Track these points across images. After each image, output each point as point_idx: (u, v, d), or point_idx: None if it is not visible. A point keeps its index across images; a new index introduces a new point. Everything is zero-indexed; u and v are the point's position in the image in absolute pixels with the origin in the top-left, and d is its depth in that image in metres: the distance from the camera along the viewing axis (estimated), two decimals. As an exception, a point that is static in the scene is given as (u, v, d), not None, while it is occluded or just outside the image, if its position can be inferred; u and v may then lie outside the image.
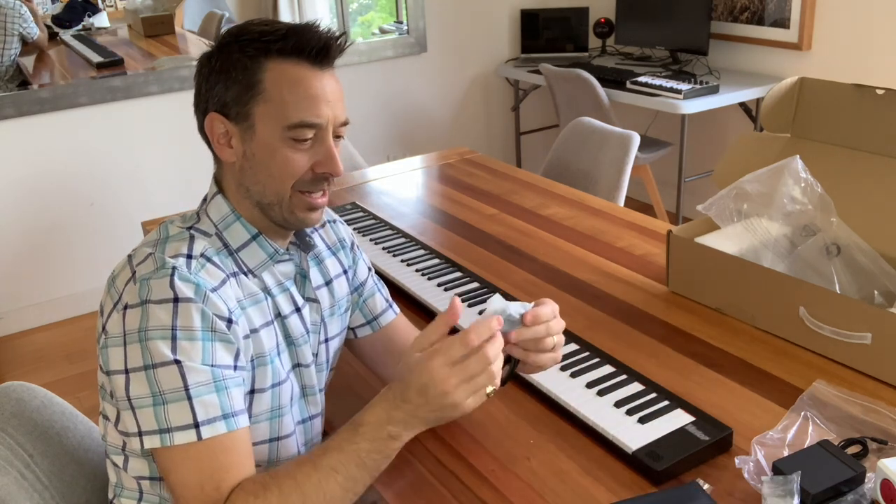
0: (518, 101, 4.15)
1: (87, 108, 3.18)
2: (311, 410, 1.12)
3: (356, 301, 1.22)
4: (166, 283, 0.91)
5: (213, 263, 0.98)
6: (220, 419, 0.90)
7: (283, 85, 0.96)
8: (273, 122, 0.97)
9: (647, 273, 1.61)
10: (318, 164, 0.99)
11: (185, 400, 0.89)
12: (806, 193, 1.37)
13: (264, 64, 0.96)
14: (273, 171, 0.98)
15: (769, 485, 0.95)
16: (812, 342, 1.29)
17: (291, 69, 0.96)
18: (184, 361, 0.89)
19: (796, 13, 3.24)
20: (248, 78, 0.97)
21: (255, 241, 1.03)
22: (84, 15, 3.21)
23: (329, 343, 1.15)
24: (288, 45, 0.96)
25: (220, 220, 1.03)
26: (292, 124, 0.96)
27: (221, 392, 0.91)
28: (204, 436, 0.89)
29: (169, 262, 0.93)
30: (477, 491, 1.05)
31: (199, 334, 0.91)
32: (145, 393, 0.90)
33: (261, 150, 0.98)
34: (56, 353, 3.10)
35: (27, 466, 1.09)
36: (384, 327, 1.23)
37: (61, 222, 3.26)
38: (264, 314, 1.02)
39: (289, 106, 0.96)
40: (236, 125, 0.99)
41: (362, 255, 1.25)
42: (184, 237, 0.99)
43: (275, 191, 0.99)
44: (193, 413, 0.89)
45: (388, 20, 3.98)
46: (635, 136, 2.33)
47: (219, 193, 1.04)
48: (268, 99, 0.96)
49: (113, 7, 3.28)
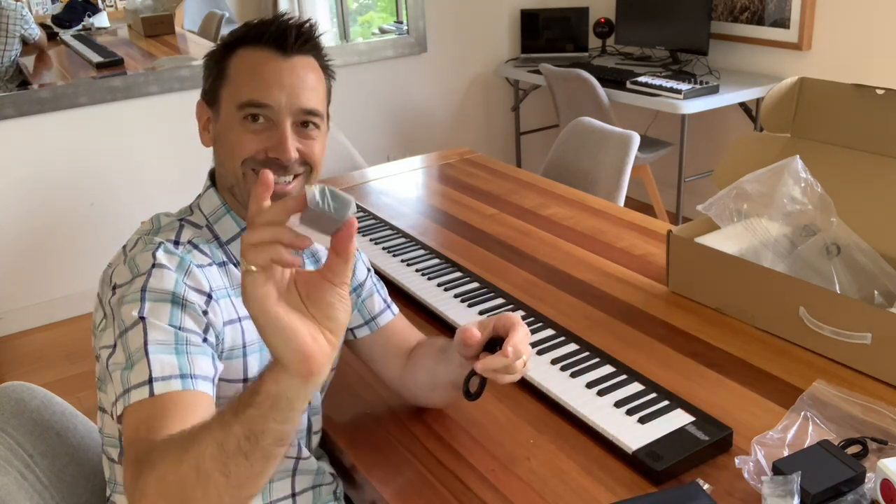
0: (518, 101, 4.15)
1: (87, 108, 3.18)
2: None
3: (354, 302, 1.22)
4: (149, 254, 0.95)
5: (199, 250, 1.00)
6: (175, 377, 0.87)
7: (241, 68, 1.02)
8: (230, 103, 1.02)
9: (647, 273, 1.61)
10: (271, 148, 1.01)
11: (143, 358, 0.87)
12: (806, 193, 1.37)
13: (234, 52, 1.03)
14: (227, 148, 1.03)
15: (769, 485, 0.95)
16: (812, 342, 1.28)
17: (253, 54, 1.02)
18: (148, 318, 0.89)
19: (796, 13, 3.24)
20: (220, 65, 1.04)
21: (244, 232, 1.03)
22: (84, 15, 3.21)
23: None
24: (253, 33, 1.02)
25: (210, 212, 1.06)
26: (241, 103, 1.00)
27: (182, 355, 0.89)
28: (156, 391, 0.85)
29: (156, 240, 0.97)
30: (477, 491, 1.05)
31: (170, 297, 0.92)
32: (120, 360, 0.89)
33: (221, 131, 1.04)
34: (56, 353, 3.09)
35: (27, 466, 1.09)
36: (382, 328, 1.23)
37: (61, 222, 3.26)
38: None
39: (241, 86, 1.01)
40: (210, 110, 1.06)
41: (361, 255, 1.25)
42: (173, 226, 1.03)
43: (230, 170, 1.03)
44: (149, 370, 0.86)
45: (388, 20, 3.98)
46: (635, 136, 2.33)
47: (211, 187, 1.08)
48: (230, 82, 1.02)
49: (113, 7, 3.28)
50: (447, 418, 1.21)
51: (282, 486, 1.09)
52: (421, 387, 1.18)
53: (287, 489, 1.10)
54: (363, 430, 1.21)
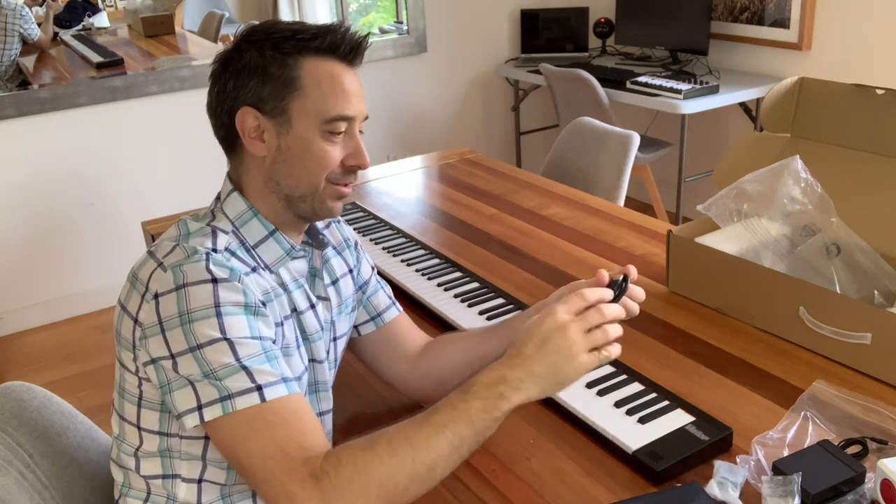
0: (518, 101, 4.15)
1: (87, 108, 3.18)
2: (323, 406, 1.13)
3: (360, 299, 1.23)
4: (202, 266, 0.92)
5: (237, 258, 1.00)
6: (279, 383, 0.90)
7: (321, 81, 1.00)
8: (310, 117, 1.00)
9: (647, 273, 1.61)
10: (348, 157, 1.03)
11: (240, 371, 0.89)
12: (806, 193, 1.37)
13: (300, 61, 1.00)
14: (308, 163, 1.01)
15: (769, 485, 0.95)
16: (812, 342, 1.29)
17: (327, 66, 1.01)
18: (231, 337, 0.90)
19: (796, 13, 3.24)
20: (285, 74, 1.00)
21: (272, 237, 1.05)
22: (84, 15, 3.21)
23: (337, 342, 1.16)
24: (324, 44, 1.01)
25: (236, 216, 1.04)
26: (330, 118, 1.00)
27: (273, 361, 0.92)
28: (267, 397, 0.88)
29: (200, 249, 0.95)
30: (477, 491, 1.05)
31: (243, 310, 0.92)
32: (196, 372, 0.89)
33: (296, 144, 1.01)
34: (56, 353, 3.10)
35: (27, 466, 1.09)
36: (387, 324, 1.24)
37: (61, 222, 3.26)
38: (283, 308, 1.04)
39: (327, 101, 1.00)
40: (271, 120, 1.01)
41: (365, 254, 1.26)
42: (206, 232, 1.00)
43: (309, 183, 1.02)
44: (252, 378, 0.89)
45: (388, 20, 3.98)
46: (635, 136, 2.33)
47: (235, 191, 1.05)
48: (305, 94, 1.00)
49: (113, 7, 3.28)
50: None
51: None
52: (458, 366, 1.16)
53: None
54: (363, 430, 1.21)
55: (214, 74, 1.04)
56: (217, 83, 1.03)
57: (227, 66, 1.02)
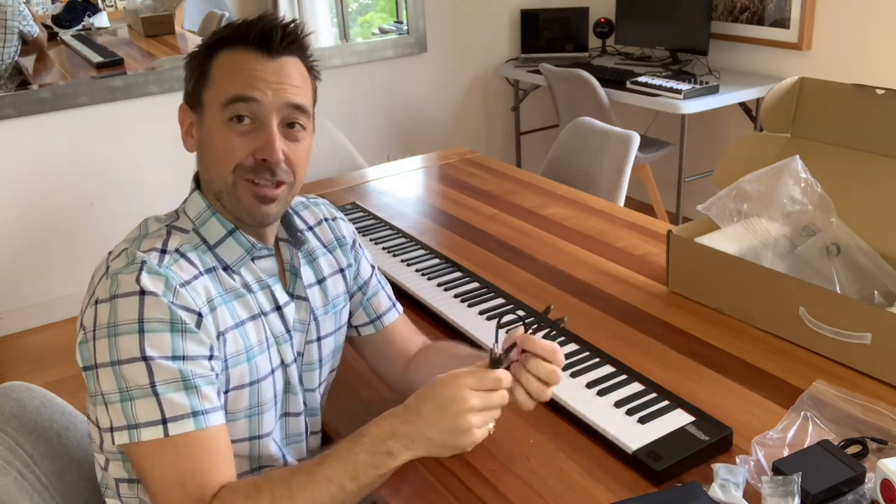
0: (518, 101, 4.15)
1: (87, 108, 3.18)
2: (292, 408, 1.11)
3: (360, 300, 1.22)
4: (133, 278, 0.92)
5: (186, 259, 0.98)
6: (188, 416, 0.89)
7: (225, 68, 1.00)
8: (214, 104, 0.99)
9: (647, 273, 1.61)
10: (258, 150, 0.99)
11: (151, 396, 0.88)
12: (806, 193, 1.37)
13: (216, 54, 1.01)
14: (215, 154, 1.00)
15: (769, 485, 0.95)
16: (812, 342, 1.28)
17: (237, 55, 1.00)
18: (150, 358, 0.89)
19: (796, 13, 3.24)
20: (202, 66, 1.01)
21: (231, 236, 1.03)
22: (84, 15, 3.21)
23: (322, 342, 1.14)
24: (235, 35, 1.00)
25: (196, 215, 1.04)
26: (226, 99, 0.98)
27: (190, 390, 0.90)
28: (171, 432, 0.88)
29: (139, 257, 0.94)
30: (477, 491, 1.05)
31: (168, 326, 0.91)
32: (113, 389, 0.89)
33: (207, 135, 1.01)
34: (56, 353, 3.09)
35: (27, 467, 1.09)
36: (386, 327, 1.23)
37: (61, 222, 3.26)
38: (250, 308, 1.02)
39: (226, 84, 0.99)
40: (195, 114, 1.03)
41: (365, 253, 1.24)
42: (160, 234, 1.00)
43: (219, 176, 1.00)
44: (161, 409, 0.88)
45: (388, 20, 3.98)
46: (635, 136, 2.33)
47: (196, 190, 1.06)
48: (213, 83, 1.00)
49: (113, 7, 3.28)
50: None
51: None
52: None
53: None
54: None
55: None
56: None
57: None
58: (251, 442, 1.04)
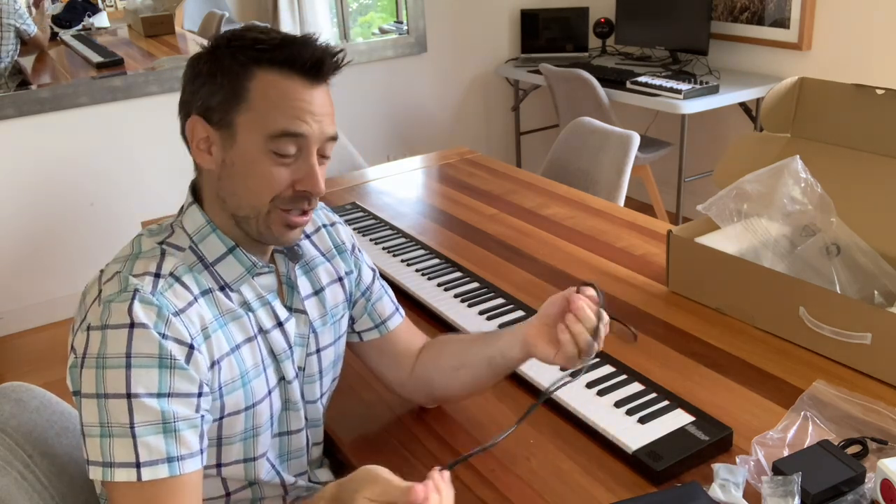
0: (518, 101, 4.15)
1: (87, 108, 3.18)
2: (292, 426, 1.09)
3: (364, 306, 1.19)
4: (125, 308, 0.88)
5: (181, 283, 0.94)
6: (163, 462, 0.87)
7: (269, 94, 0.93)
8: (255, 132, 0.93)
9: (647, 273, 1.61)
10: (299, 182, 0.95)
11: (129, 437, 0.86)
12: (806, 193, 1.37)
13: (254, 72, 0.93)
14: (251, 183, 0.95)
15: (769, 485, 0.95)
16: (812, 342, 1.28)
17: (280, 80, 0.93)
18: (134, 395, 0.87)
19: (796, 13, 3.24)
20: (235, 84, 0.93)
21: (231, 253, 0.99)
22: (84, 15, 3.21)
23: (321, 353, 1.11)
24: (280, 56, 0.93)
25: (195, 231, 0.99)
26: (274, 133, 0.92)
27: (169, 434, 0.88)
28: (144, 477, 0.86)
29: (132, 284, 0.90)
30: (477, 491, 1.05)
31: (157, 362, 0.88)
32: (94, 422, 0.88)
33: (240, 161, 0.95)
34: (56, 353, 3.09)
35: (27, 467, 1.09)
36: (391, 332, 1.20)
37: (61, 222, 3.26)
38: (246, 330, 0.99)
39: (272, 115, 0.93)
40: (218, 132, 0.95)
41: (364, 257, 1.21)
42: (154, 254, 0.96)
43: (251, 204, 0.96)
44: (136, 453, 0.86)
45: (388, 20, 3.98)
46: (635, 136, 2.33)
47: (194, 203, 1.00)
48: (252, 108, 0.93)
49: (113, 7, 3.28)
50: (447, 419, 1.21)
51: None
52: (444, 371, 1.15)
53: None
54: (364, 432, 1.21)
55: (182, 77, 0.99)
56: (181, 86, 0.99)
57: (189, 69, 0.98)
58: (245, 464, 1.02)
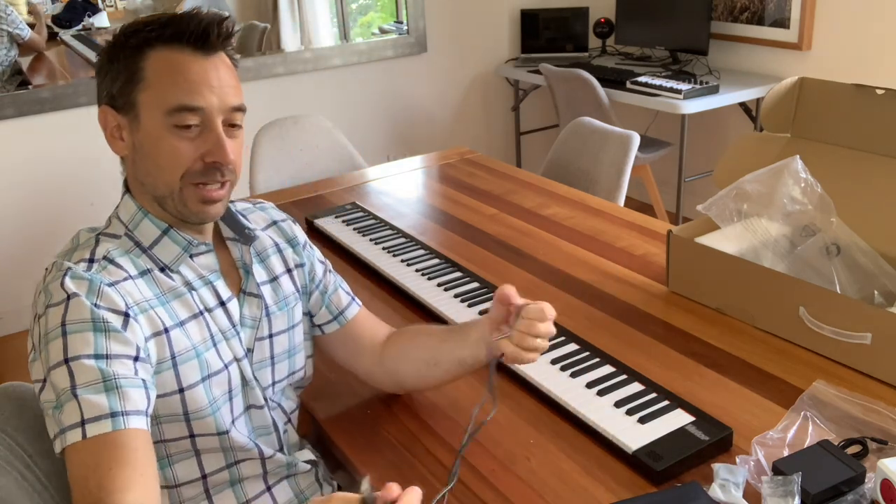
0: (518, 101, 4.15)
1: (87, 108, 3.17)
2: (254, 401, 1.10)
3: (320, 300, 1.21)
4: (58, 285, 0.92)
5: (115, 264, 0.98)
6: (106, 417, 0.87)
7: (162, 71, 0.96)
8: (155, 110, 0.96)
9: (647, 273, 1.61)
10: (207, 153, 0.98)
11: (73, 400, 0.87)
12: (806, 193, 1.37)
13: (146, 52, 0.97)
14: (160, 161, 0.98)
15: (769, 485, 0.95)
16: (812, 342, 1.28)
17: (172, 55, 0.97)
18: (72, 359, 0.88)
19: (796, 13, 3.24)
20: (131, 66, 0.97)
21: (166, 235, 1.03)
22: (84, 15, 3.21)
23: (273, 339, 1.13)
24: (168, 32, 0.97)
25: (129, 219, 1.03)
26: (172, 108, 0.96)
27: (111, 391, 0.89)
28: (88, 434, 0.86)
29: (65, 265, 0.95)
30: (477, 491, 1.05)
31: (90, 325, 0.90)
32: (48, 398, 0.89)
33: (147, 140, 0.98)
34: (56, 353, 3.09)
35: (27, 467, 1.09)
36: (350, 321, 1.23)
37: (61, 222, 3.25)
38: (190, 307, 1.02)
39: (168, 90, 0.96)
40: (125, 117, 0.99)
41: (315, 252, 1.24)
42: (89, 244, 1.00)
43: (165, 182, 0.99)
44: (81, 412, 0.87)
45: (388, 20, 3.98)
46: (635, 136, 2.33)
47: (126, 193, 1.05)
48: (149, 86, 0.97)
49: (113, 7, 3.28)
50: (447, 418, 1.21)
51: (254, 484, 1.10)
52: (416, 366, 1.17)
53: (261, 485, 1.11)
54: (360, 428, 1.21)
55: None
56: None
57: (95, 65, 1.02)
58: (220, 437, 1.04)
